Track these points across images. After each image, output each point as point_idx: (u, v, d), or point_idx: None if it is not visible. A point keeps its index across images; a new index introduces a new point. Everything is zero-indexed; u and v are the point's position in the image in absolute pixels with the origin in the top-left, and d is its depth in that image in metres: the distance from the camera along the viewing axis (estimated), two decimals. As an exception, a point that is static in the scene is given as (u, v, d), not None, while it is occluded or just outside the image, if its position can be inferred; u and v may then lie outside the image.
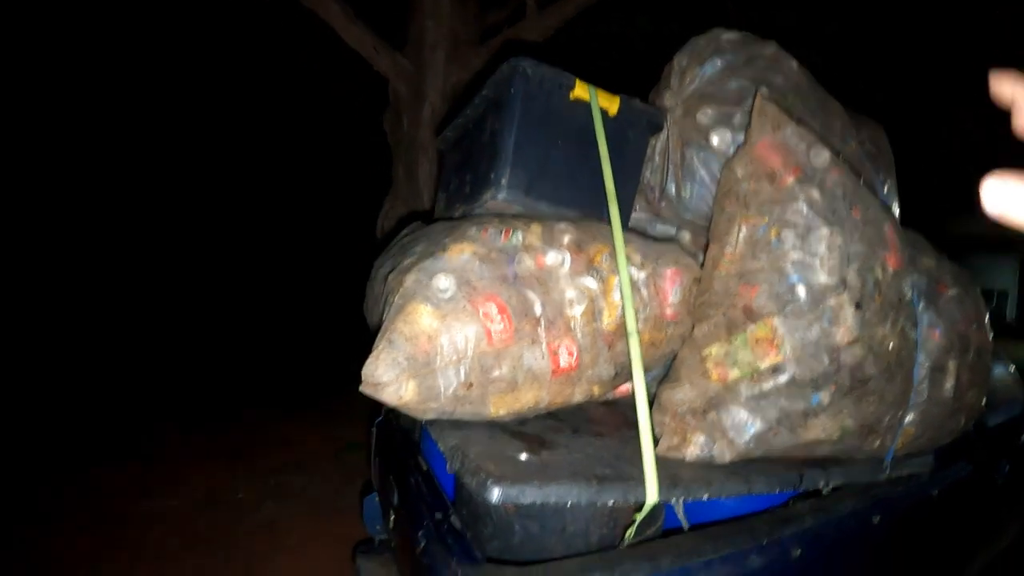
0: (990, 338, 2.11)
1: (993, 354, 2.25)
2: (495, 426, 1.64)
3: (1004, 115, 0.55)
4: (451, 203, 2.09)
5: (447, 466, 1.48)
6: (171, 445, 4.66)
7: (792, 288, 1.60)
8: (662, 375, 1.87)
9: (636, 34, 6.37)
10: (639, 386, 1.50)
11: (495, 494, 1.32)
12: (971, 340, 2.02)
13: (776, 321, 1.59)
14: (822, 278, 1.60)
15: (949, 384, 1.96)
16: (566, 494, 1.38)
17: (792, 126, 1.70)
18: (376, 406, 2.17)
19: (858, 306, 1.63)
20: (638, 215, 2.03)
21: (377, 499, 2.39)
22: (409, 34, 4.39)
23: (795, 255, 1.61)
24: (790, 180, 1.66)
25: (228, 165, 11.59)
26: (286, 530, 3.47)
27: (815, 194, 1.65)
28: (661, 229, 2.05)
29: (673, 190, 1.95)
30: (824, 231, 1.62)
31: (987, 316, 2.10)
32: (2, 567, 2.95)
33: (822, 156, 1.69)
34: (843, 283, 1.62)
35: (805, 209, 1.63)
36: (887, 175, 2.20)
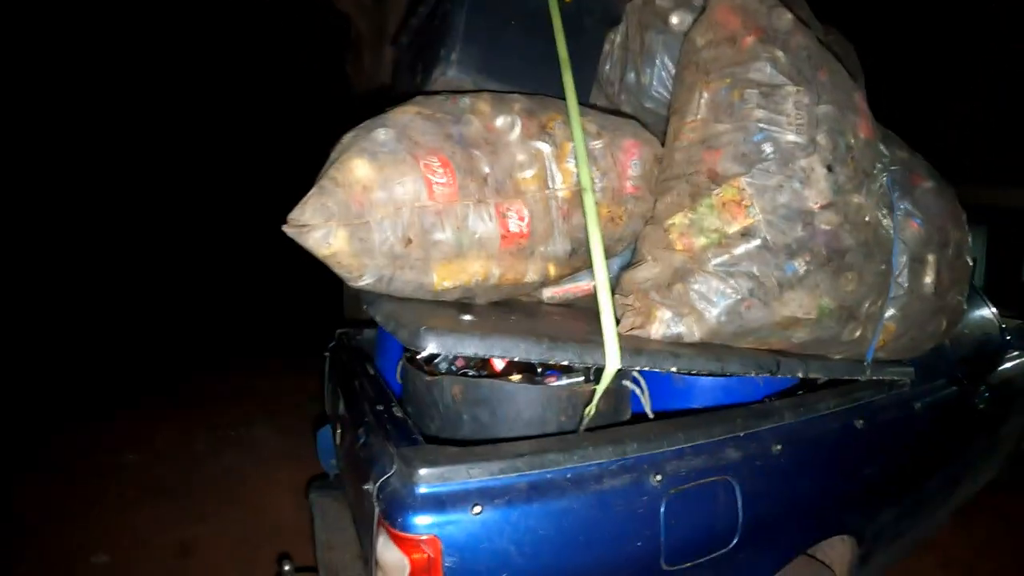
0: (969, 237, 2.02)
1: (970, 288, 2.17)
2: (439, 302, 1.48)
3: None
4: (404, 94, 1.98)
5: (383, 324, 1.33)
6: (133, 401, 4.59)
7: (758, 146, 1.49)
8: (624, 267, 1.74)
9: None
10: (594, 241, 1.36)
11: (430, 342, 1.17)
12: (950, 235, 1.92)
13: (743, 181, 1.48)
14: (790, 136, 1.49)
15: (929, 279, 1.85)
16: (513, 349, 1.24)
17: (752, -12, 1.61)
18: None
19: (830, 169, 1.52)
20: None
21: (330, 432, 2.22)
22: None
23: (760, 113, 1.50)
24: (751, 40, 1.56)
25: (200, 125, 11.42)
26: (244, 478, 3.43)
27: (779, 54, 1.55)
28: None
29: (633, 78, 1.85)
30: (790, 89, 1.52)
31: (964, 215, 2.01)
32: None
33: (784, 18, 1.60)
34: (813, 143, 1.51)
35: (768, 68, 1.53)
36: (855, 77, 2.12)
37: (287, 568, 1.92)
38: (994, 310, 2.94)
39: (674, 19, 1.80)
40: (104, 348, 5.95)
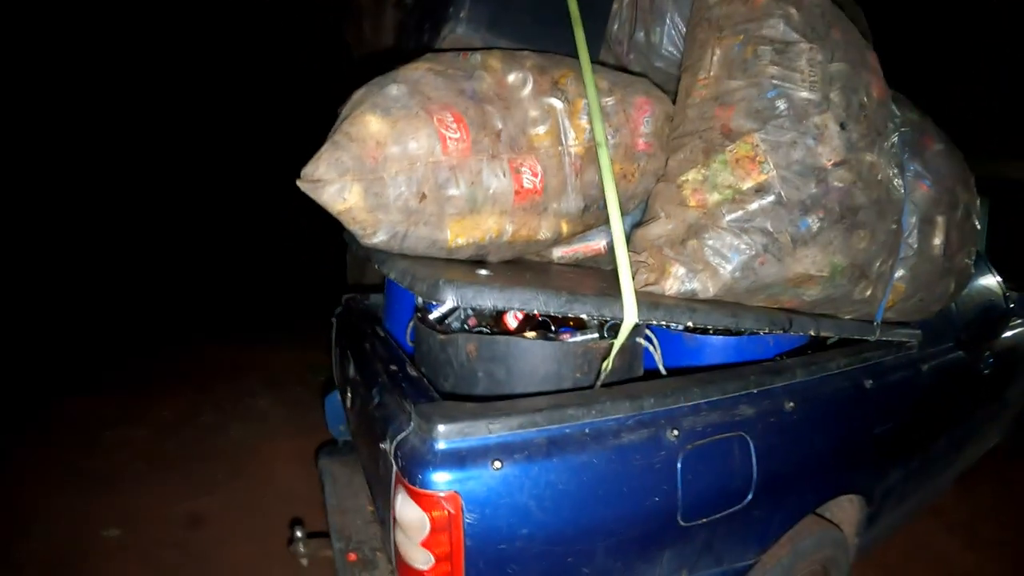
0: (978, 200, 2.02)
1: (977, 256, 2.18)
2: (452, 260, 1.48)
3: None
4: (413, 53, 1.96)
5: (399, 281, 1.32)
6: (140, 374, 4.62)
7: (772, 103, 1.48)
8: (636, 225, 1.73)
9: None
10: (610, 196, 1.36)
11: (449, 294, 1.16)
12: (959, 197, 1.92)
13: (757, 138, 1.47)
14: (803, 93, 1.48)
15: (938, 240, 1.86)
16: (531, 300, 1.22)
17: (765, -57, 1.59)
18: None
19: (843, 126, 1.51)
20: (608, 68, 1.91)
21: (338, 397, 2.22)
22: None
23: (773, 70, 1.49)
24: (765, -3, 1.55)
25: (196, 102, 11.34)
26: (251, 450, 3.44)
27: (792, 11, 1.54)
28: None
29: (642, 37, 1.84)
30: (803, 46, 1.50)
31: (972, 178, 2.01)
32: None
33: (798, -26, 1.58)
34: (826, 100, 1.50)
35: (782, 25, 1.52)
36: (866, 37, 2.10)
37: (299, 534, 1.93)
38: (999, 278, 2.95)
39: (684, -24, 1.78)
40: (105, 323, 5.93)
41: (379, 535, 1.81)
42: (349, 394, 1.85)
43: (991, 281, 2.88)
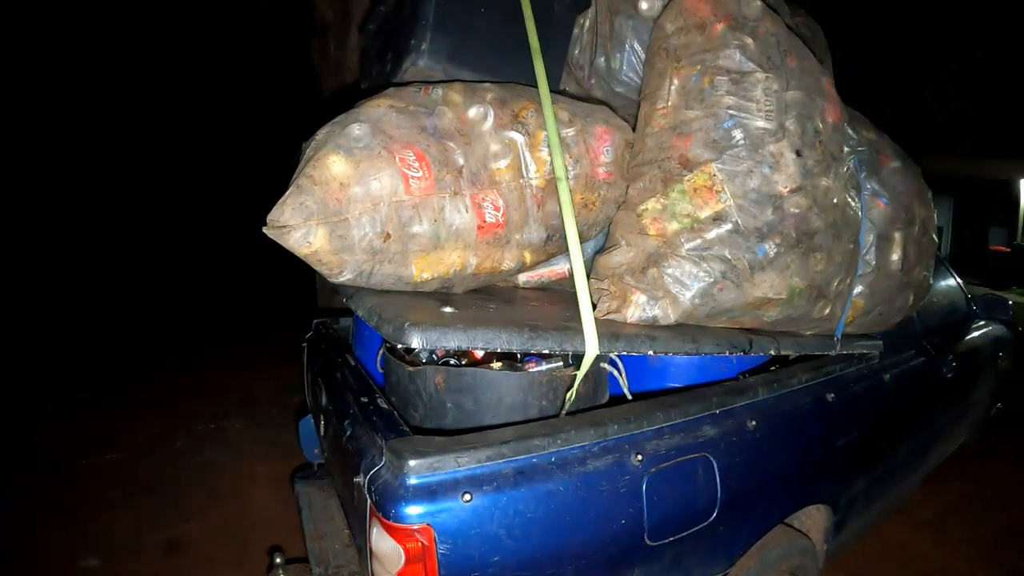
0: (935, 215, 2.08)
1: (936, 260, 2.24)
2: (419, 293, 1.50)
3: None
4: (373, 85, 1.97)
5: (366, 320, 1.34)
6: (108, 399, 4.53)
7: (728, 133, 1.52)
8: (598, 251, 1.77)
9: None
10: (570, 231, 1.39)
11: (414, 338, 1.19)
12: (916, 213, 1.98)
13: (714, 167, 1.51)
14: (759, 123, 1.52)
15: (896, 256, 1.91)
16: (495, 340, 1.26)
17: (720, -26, 1.63)
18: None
19: (799, 153, 1.55)
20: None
21: (312, 420, 2.23)
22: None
23: (729, 100, 1.53)
24: (721, 27, 1.59)
25: (166, 122, 11.21)
26: (226, 474, 3.42)
27: (748, 40, 1.57)
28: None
29: (603, 63, 1.86)
30: (759, 76, 1.54)
31: (929, 192, 2.07)
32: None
33: (753, 5, 1.62)
34: (782, 129, 1.54)
35: (738, 55, 1.56)
36: (822, 59, 2.15)
37: (279, 560, 1.95)
38: (960, 281, 3.03)
39: (643, 4, 1.81)
40: (74, 346, 5.84)
41: (356, 558, 1.83)
42: (323, 421, 1.87)
43: (953, 284, 2.96)
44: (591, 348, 1.34)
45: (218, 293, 8.20)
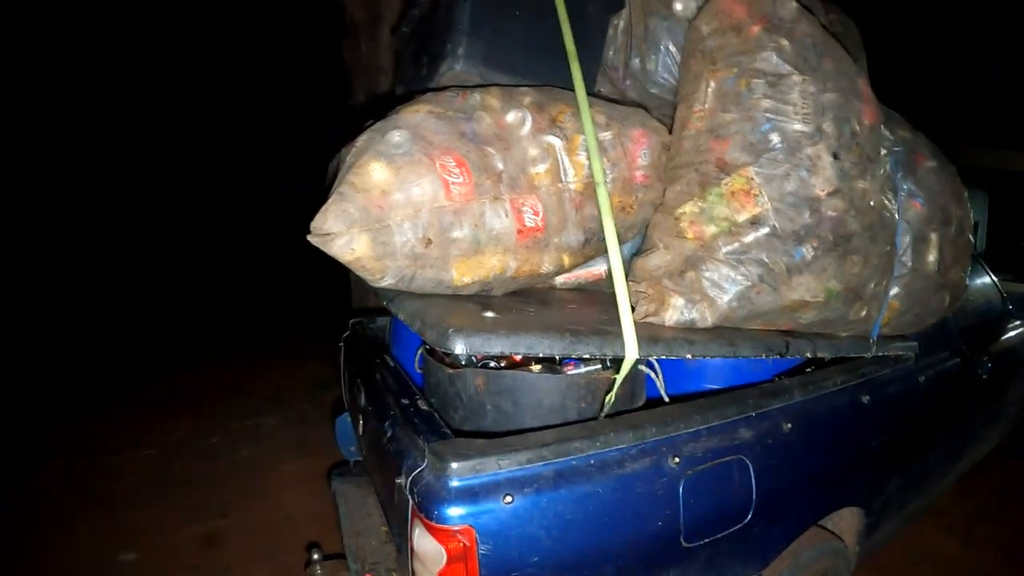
0: (971, 214, 2.05)
1: (972, 259, 2.21)
2: (459, 297, 1.52)
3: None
4: (408, 88, 1.99)
5: (408, 324, 1.37)
6: (142, 395, 4.61)
7: (766, 136, 1.52)
8: (635, 254, 1.78)
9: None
10: (610, 236, 1.40)
11: (458, 344, 1.21)
12: (952, 213, 1.96)
13: (752, 171, 1.51)
14: (796, 126, 1.52)
15: (932, 257, 1.89)
16: (537, 345, 1.28)
17: (756, -25, 1.62)
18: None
19: (836, 156, 1.55)
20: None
21: (348, 418, 2.27)
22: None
23: (766, 103, 1.53)
24: (757, 30, 1.58)
25: (196, 116, 11.33)
26: (262, 471, 3.46)
27: (784, 43, 1.57)
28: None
29: (638, 64, 1.87)
30: (796, 78, 1.54)
31: (965, 192, 2.04)
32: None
33: (788, 6, 1.61)
34: (819, 131, 1.54)
35: (774, 58, 1.55)
36: (857, 58, 2.13)
37: (316, 556, 1.99)
38: (996, 279, 2.98)
39: (678, 5, 1.81)
40: (109, 342, 5.94)
41: (393, 555, 1.87)
42: (361, 421, 1.90)
43: (989, 283, 2.91)
44: (631, 352, 1.35)
45: (245, 287, 8.31)
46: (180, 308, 7.38)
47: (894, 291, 1.84)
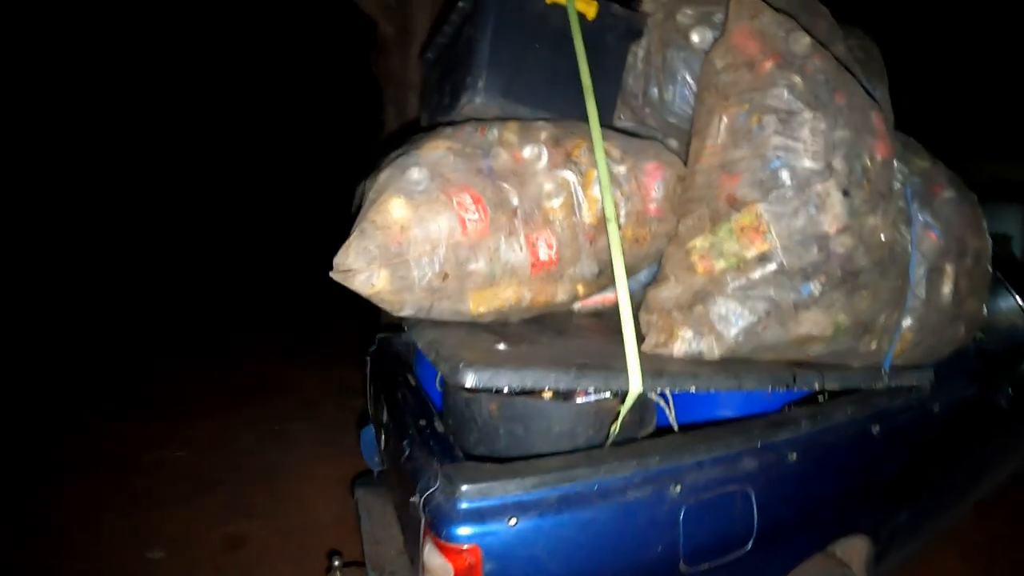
0: (989, 245, 2.04)
1: (994, 279, 2.19)
2: (475, 325, 1.59)
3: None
4: (432, 117, 2.06)
5: (425, 354, 1.45)
6: (169, 395, 4.69)
7: (775, 173, 1.55)
8: (650, 281, 1.82)
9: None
10: (619, 273, 1.45)
11: (468, 378, 1.29)
12: (968, 244, 1.96)
13: (760, 208, 1.54)
14: (806, 163, 1.55)
15: (947, 289, 1.89)
16: (543, 379, 1.34)
17: (770, 13, 1.66)
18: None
19: (846, 193, 1.57)
20: (623, 124, 1.97)
21: (373, 431, 2.36)
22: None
23: (777, 140, 1.56)
24: (769, 66, 1.61)
25: (224, 122, 11.61)
26: (289, 474, 3.53)
27: (796, 79, 1.60)
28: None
29: (656, 94, 1.90)
30: (807, 115, 1.57)
31: (984, 221, 2.03)
32: (7, 518, 3.03)
33: (801, 42, 1.64)
34: (829, 168, 1.56)
35: (786, 94, 1.58)
36: (879, 83, 2.13)
37: (336, 563, 2.07)
38: (1021, 301, 2.91)
39: (695, 37, 1.85)
40: (137, 344, 6.03)
41: (409, 566, 1.95)
42: (383, 436, 1.99)
43: (1013, 305, 2.85)
44: (635, 386, 1.40)
45: (270, 290, 8.40)
46: (206, 310, 7.45)
47: (907, 323, 1.84)
